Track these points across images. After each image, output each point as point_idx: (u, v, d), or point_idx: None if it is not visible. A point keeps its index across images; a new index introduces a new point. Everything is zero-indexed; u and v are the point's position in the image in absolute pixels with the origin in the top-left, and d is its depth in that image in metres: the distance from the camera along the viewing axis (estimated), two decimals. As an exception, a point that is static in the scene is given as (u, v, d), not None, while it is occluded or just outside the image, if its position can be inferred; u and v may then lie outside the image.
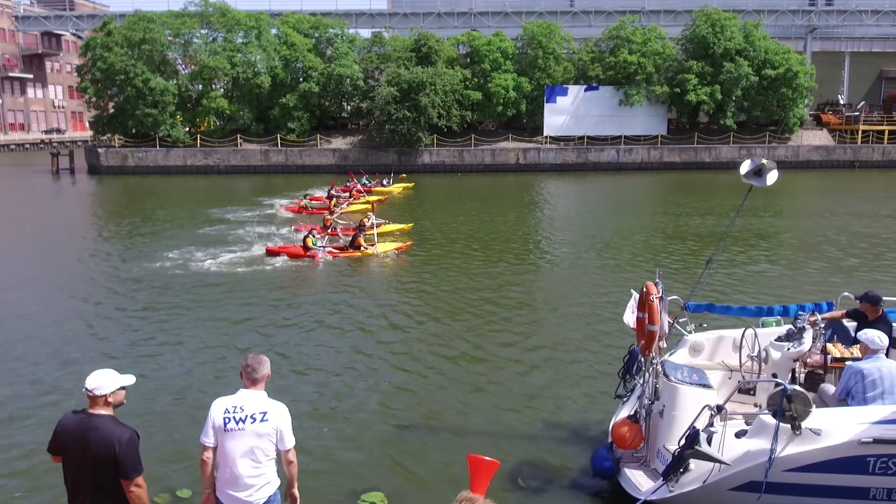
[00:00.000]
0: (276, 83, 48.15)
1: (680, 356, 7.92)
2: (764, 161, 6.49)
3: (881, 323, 7.26)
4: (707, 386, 6.80)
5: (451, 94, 46.38)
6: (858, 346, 6.92)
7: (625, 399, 7.70)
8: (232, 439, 4.62)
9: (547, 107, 49.31)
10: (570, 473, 7.59)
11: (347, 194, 29.85)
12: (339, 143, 48.70)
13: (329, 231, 20.30)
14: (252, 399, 4.69)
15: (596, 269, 17.98)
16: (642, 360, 7.27)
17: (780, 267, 18.09)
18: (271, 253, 18.41)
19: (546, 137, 49.24)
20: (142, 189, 38.44)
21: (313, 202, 28.38)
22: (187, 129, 48.47)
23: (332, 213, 22.86)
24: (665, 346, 7.36)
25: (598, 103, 49.40)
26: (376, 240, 19.16)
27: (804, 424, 5.65)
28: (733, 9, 50.47)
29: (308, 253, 18.13)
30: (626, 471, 6.84)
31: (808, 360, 7.34)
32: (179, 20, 47.82)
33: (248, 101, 48.11)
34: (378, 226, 19.63)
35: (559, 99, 49.41)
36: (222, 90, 50.01)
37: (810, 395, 6.92)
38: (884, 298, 7.57)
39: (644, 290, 6.96)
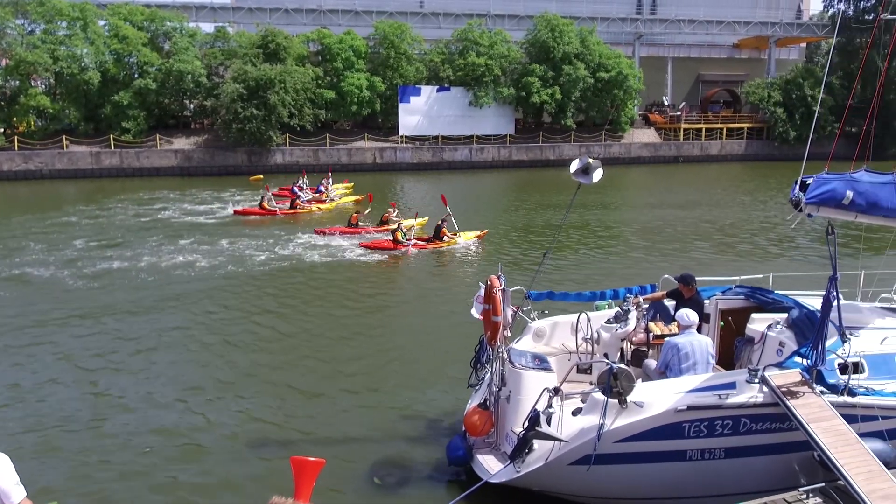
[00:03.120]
0: (107, 79, 44.39)
1: (525, 343, 8.34)
2: (590, 160, 7.00)
3: (694, 301, 8.11)
4: (548, 369, 7.23)
5: (302, 92, 45.33)
6: (676, 323, 7.69)
7: (477, 388, 7.98)
8: None
9: (401, 106, 49.77)
10: (426, 465, 7.75)
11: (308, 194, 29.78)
12: (182, 143, 45.87)
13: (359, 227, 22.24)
14: None
15: (447, 265, 18.47)
16: (490, 349, 7.58)
17: (612, 254, 19.72)
18: (366, 248, 19.97)
19: (401, 137, 49.69)
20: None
21: (277, 204, 27.87)
22: (2, 130, 43.31)
23: (358, 212, 23.84)
24: (510, 334, 7.72)
25: (450, 104, 50.66)
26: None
27: (629, 398, 6.18)
28: (570, 15, 53.89)
29: (399, 246, 19.67)
30: (479, 456, 7.11)
31: (634, 338, 8.04)
32: (-13, 9, 42.57)
33: (74, 98, 43.93)
34: (398, 222, 21.24)
35: (413, 99, 50.06)
36: (43, 87, 45.27)
37: (637, 371, 7.60)
38: (696, 278, 8.46)
39: (488, 283, 7.27)
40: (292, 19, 52.49)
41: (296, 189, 30.01)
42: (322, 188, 31.69)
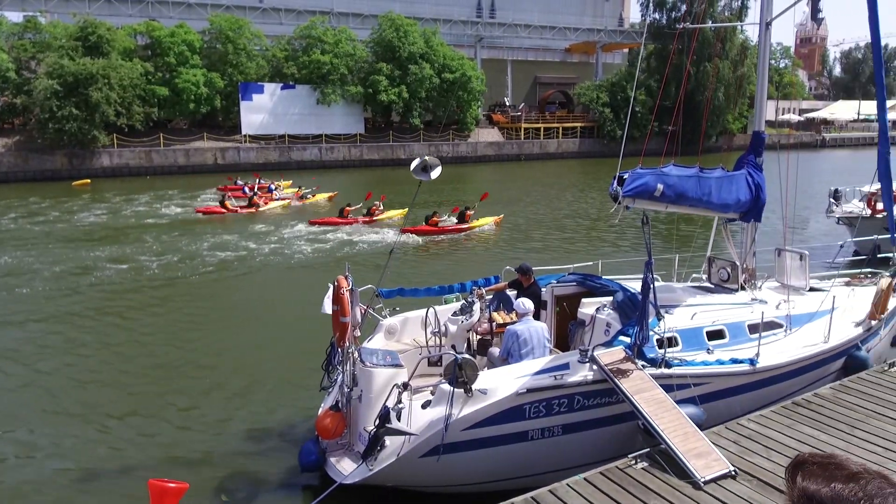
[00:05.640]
0: None
1: (377, 341, 8.37)
2: (427, 159, 7.20)
3: (532, 290, 8.59)
4: (398, 366, 7.30)
5: (130, 89, 41.96)
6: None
7: (329, 390, 7.88)
8: None
9: (243, 104, 47.66)
10: (279, 475, 7.54)
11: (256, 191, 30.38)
12: (-11, 145, 40.68)
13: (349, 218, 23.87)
14: None
15: (290, 268, 18.02)
16: (339, 350, 7.52)
17: (459, 248, 20.43)
18: (406, 231, 21.53)
19: (245, 136, 47.64)
20: None
21: (237, 201, 28.38)
22: None
23: (349, 205, 25.18)
24: (360, 333, 7.70)
25: (295, 102, 49.37)
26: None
27: (474, 387, 6.42)
28: (413, 16, 54.60)
29: (438, 229, 21.87)
30: (332, 459, 7.03)
31: (479, 328, 8.36)
32: None
33: None
34: (381, 212, 24.21)
35: (255, 97, 48.14)
36: None
37: (483, 360, 7.92)
38: (534, 268, 8.97)
39: (335, 284, 7.20)
40: (116, 10, 48.37)
41: (247, 189, 30.73)
42: (273, 188, 31.91)
